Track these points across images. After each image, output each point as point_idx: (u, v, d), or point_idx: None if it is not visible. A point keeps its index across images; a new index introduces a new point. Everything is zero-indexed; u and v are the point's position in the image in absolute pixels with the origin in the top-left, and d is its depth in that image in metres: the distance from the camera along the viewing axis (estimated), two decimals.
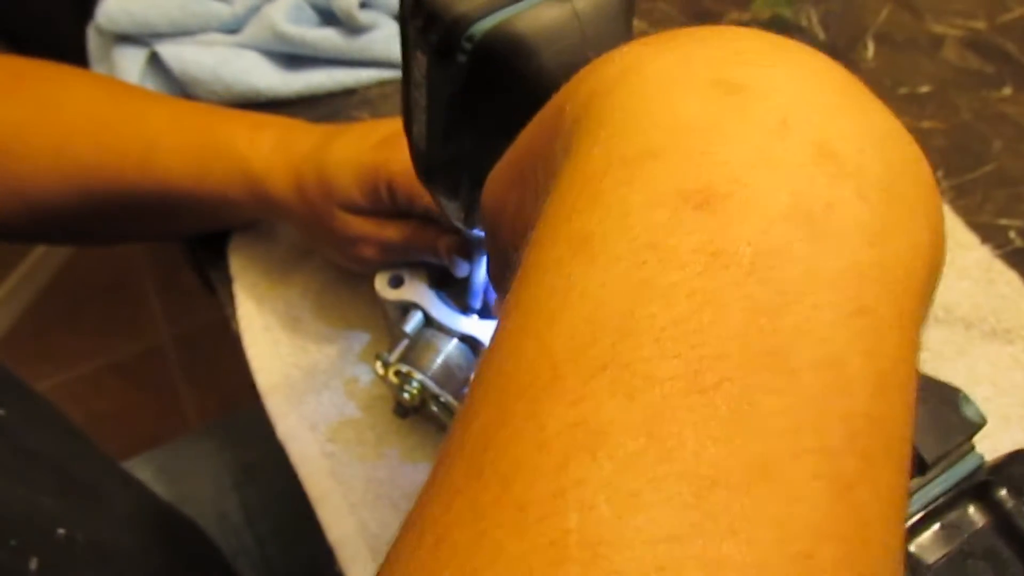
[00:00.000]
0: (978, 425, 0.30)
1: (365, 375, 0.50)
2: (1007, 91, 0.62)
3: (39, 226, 0.51)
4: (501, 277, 0.25)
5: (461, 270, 0.44)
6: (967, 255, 0.52)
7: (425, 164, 0.31)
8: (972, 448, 0.30)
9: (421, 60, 0.26)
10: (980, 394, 0.46)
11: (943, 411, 0.30)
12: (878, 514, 0.14)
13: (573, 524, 0.13)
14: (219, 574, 0.56)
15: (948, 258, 0.51)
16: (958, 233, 0.53)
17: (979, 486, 0.29)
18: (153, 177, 0.48)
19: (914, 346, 0.16)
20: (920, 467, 0.29)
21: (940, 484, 0.29)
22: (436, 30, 0.24)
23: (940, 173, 0.57)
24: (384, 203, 0.45)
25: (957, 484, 0.29)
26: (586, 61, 0.20)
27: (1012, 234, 0.53)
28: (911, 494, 0.29)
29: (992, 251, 0.52)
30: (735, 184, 0.15)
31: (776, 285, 0.15)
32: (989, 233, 0.53)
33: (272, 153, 0.47)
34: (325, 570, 0.45)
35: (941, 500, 0.29)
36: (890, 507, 0.15)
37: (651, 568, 0.12)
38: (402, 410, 0.45)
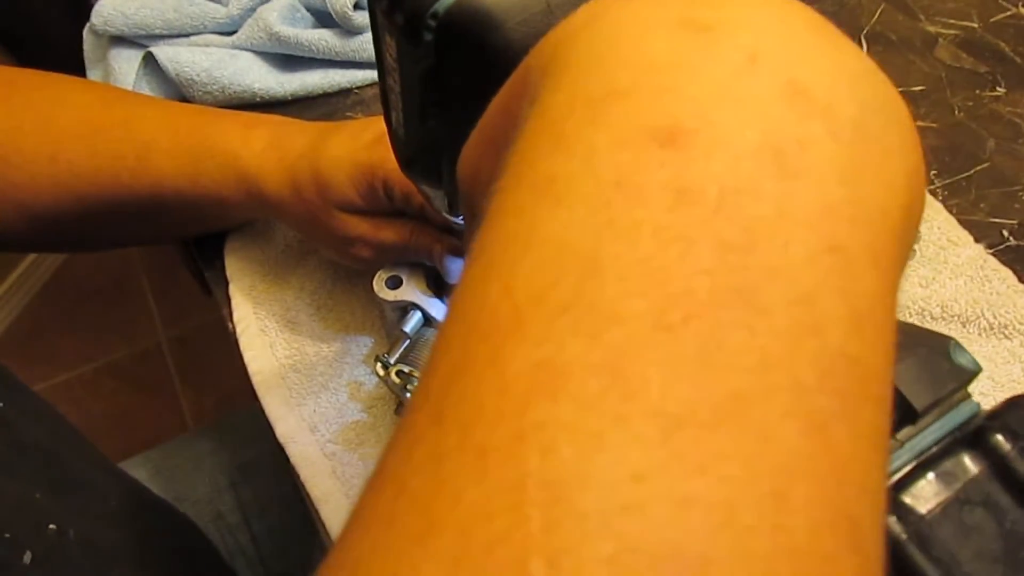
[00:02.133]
0: (972, 372, 0.29)
1: (364, 376, 0.50)
2: (1000, 90, 0.62)
3: (36, 234, 0.51)
4: None
5: (454, 276, 0.45)
6: (961, 253, 0.52)
7: (405, 152, 0.31)
8: (968, 396, 0.29)
9: (391, 44, 0.26)
10: (978, 389, 0.46)
11: (934, 359, 0.29)
12: (854, 453, 0.14)
13: (533, 467, 0.13)
14: (215, 571, 0.56)
15: (942, 256, 0.52)
16: (951, 231, 0.53)
17: (974, 433, 0.28)
18: (147, 179, 0.48)
19: (892, 287, 0.16)
20: (911, 416, 0.28)
21: (933, 433, 0.28)
22: (401, 11, 0.24)
23: (933, 172, 0.57)
24: (381, 202, 0.45)
25: (951, 432, 0.28)
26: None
27: (1005, 232, 0.53)
28: (902, 444, 0.28)
29: (985, 249, 0.52)
30: (702, 121, 0.15)
31: (744, 222, 0.14)
32: (982, 231, 0.53)
33: (265, 151, 0.47)
34: None
35: (935, 449, 0.28)
36: (868, 447, 0.14)
37: (615, 507, 0.12)
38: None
